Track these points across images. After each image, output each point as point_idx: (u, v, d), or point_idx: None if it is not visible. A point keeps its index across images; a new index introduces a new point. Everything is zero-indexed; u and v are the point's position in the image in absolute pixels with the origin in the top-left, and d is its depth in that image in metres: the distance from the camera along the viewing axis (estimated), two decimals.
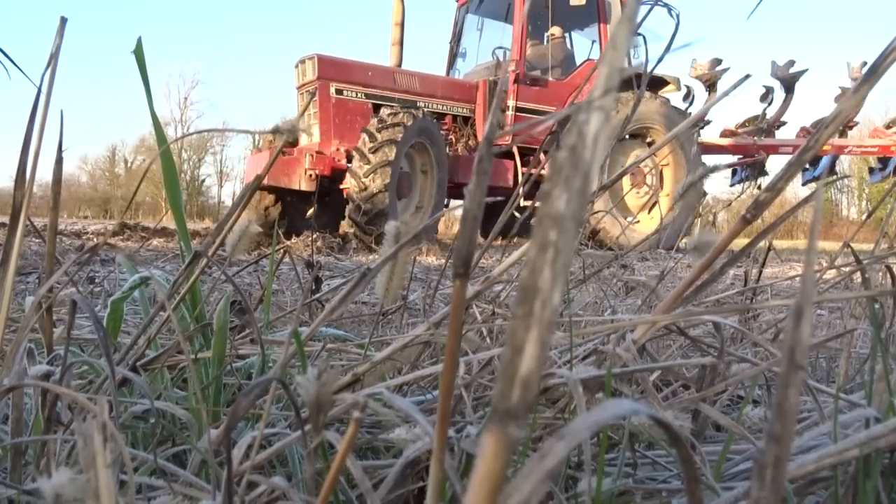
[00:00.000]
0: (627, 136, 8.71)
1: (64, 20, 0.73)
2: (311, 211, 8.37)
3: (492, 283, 0.86)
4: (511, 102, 8.68)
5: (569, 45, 9.51)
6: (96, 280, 2.26)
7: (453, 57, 10.25)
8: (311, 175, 7.64)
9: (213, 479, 0.56)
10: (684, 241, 8.15)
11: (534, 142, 8.60)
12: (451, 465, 0.52)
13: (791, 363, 0.27)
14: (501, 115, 8.75)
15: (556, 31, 9.17)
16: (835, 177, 9.78)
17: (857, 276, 0.99)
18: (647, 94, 8.74)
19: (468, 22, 9.97)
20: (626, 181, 8.82)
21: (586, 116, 0.24)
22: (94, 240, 6.68)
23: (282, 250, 1.39)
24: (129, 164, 39.46)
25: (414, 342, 0.78)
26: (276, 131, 0.63)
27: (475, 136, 9.04)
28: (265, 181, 7.84)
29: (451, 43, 10.22)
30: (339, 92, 7.97)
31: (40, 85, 0.70)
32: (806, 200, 0.78)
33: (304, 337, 0.78)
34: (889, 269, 0.83)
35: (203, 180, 40.15)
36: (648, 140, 9.06)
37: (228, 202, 38.18)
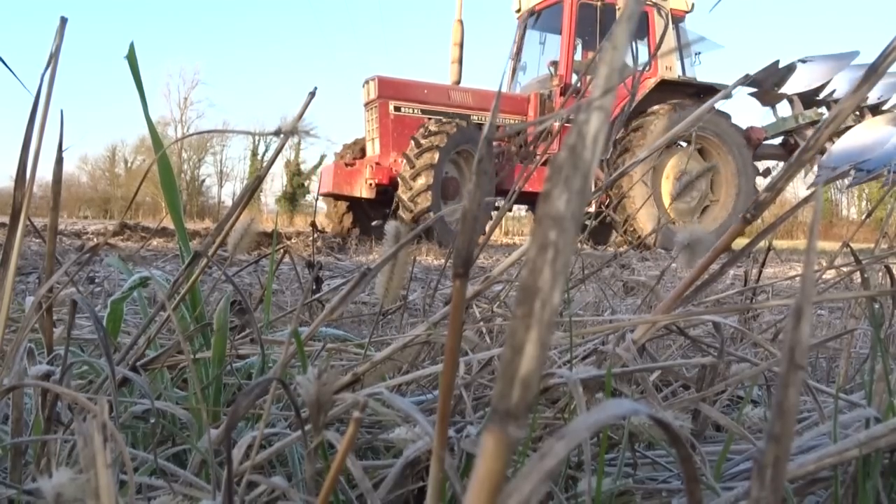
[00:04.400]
0: (677, 143, 9.09)
1: (64, 20, 0.73)
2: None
3: (492, 283, 0.86)
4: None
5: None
6: (96, 280, 2.26)
7: (514, 71, 10.71)
8: (370, 184, 8.49)
9: (213, 479, 0.56)
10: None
11: None
12: (451, 465, 0.52)
13: (791, 363, 0.27)
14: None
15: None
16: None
17: (857, 276, 0.99)
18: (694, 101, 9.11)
19: (529, 37, 10.40)
20: (667, 186, 9.14)
21: (586, 116, 0.24)
22: (95, 240, 6.68)
23: (282, 250, 1.39)
24: (129, 165, 39.43)
25: (414, 342, 0.78)
26: (277, 133, 0.63)
27: (524, 145, 9.57)
28: (331, 189, 8.94)
29: (511, 58, 10.62)
30: (397, 108, 8.85)
31: (39, 88, 0.70)
32: (806, 200, 0.78)
33: (304, 337, 0.78)
34: (888, 269, 0.83)
35: (203, 180, 40.12)
36: (697, 147, 9.43)
37: (228, 202, 38.15)
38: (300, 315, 0.79)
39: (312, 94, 0.77)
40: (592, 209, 8.91)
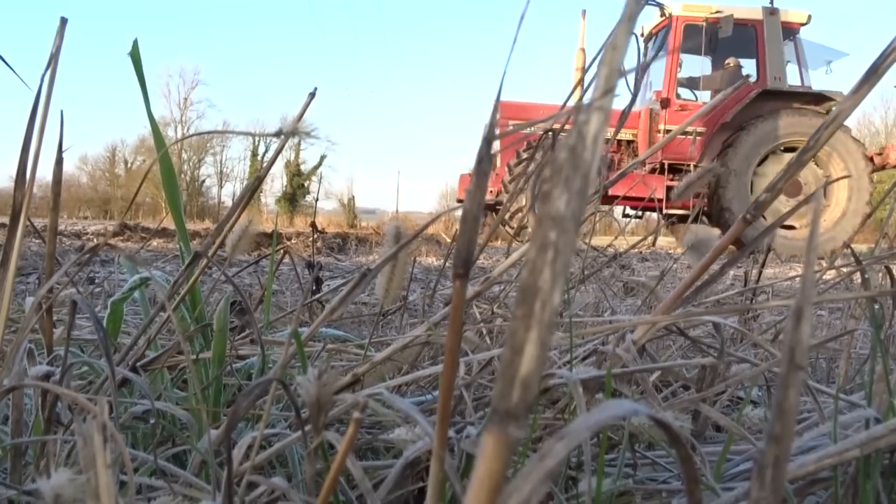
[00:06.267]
0: (782, 150, 9.52)
1: (64, 21, 0.73)
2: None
3: (492, 283, 0.86)
4: (661, 126, 9.99)
5: (743, 72, 10.38)
6: (96, 281, 2.26)
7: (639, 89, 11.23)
8: (490, 190, 9.65)
9: (213, 480, 0.56)
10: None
11: (682, 158, 9.78)
12: (451, 466, 0.52)
13: (791, 364, 0.27)
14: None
15: (731, 60, 10.15)
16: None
17: (857, 277, 0.99)
18: (810, 109, 9.58)
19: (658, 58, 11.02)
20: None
21: (586, 117, 0.24)
22: (94, 240, 6.68)
23: (282, 251, 1.39)
24: (129, 165, 39.38)
25: (414, 342, 0.78)
26: (278, 133, 0.63)
27: (636, 156, 10.40)
28: (459, 196, 10.37)
29: (636, 76, 11.11)
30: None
31: (39, 89, 0.70)
32: (806, 200, 0.78)
33: (304, 337, 0.78)
34: (889, 269, 0.83)
35: (203, 181, 40.08)
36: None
37: (228, 203, 38.08)
38: (300, 315, 0.79)
39: (312, 95, 0.77)
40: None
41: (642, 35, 11.04)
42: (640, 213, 10.27)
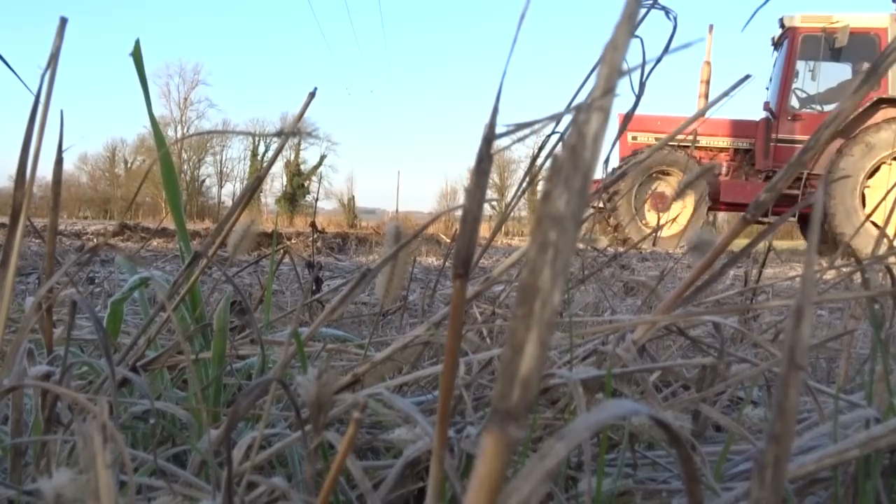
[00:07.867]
0: None
1: (64, 21, 0.73)
2: None
3: (492, 283, 0.86)
4: (773, 135, 10.14)
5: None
6: (96, 280, 2.26)
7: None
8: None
9: (213, 480, 0.56)
10: None
11: None
12: (451, 466, 0.52)
13: (791, 363, 0.27)
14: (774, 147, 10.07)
15: (859, 67, 10.08)
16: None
17: (857, 277, 0.99)
18: None
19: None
20: (873, 197, 9.37)
21: (586, 117, 0.24)
22: (94, 240, 6.68)
23: (282, 250, 1.39)
24: (129, 165, 39.39)
25: (414, 342, 0.78)
26: (278, 133, 0.63)
27: (752, 165, 10.60)
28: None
29: (767, 86, 11.49)
30: (633, 138, 10.64)
31: (39, 88, 0.70)
32: (806, 200, 0.78)
33: (304, 337, 0.78)
34: (889, 269, 0.83)
35: (203, 181, 40.09)
36: None
37: (228, 203, 38.08)
38: (300, 315, 0.79)
39: (312, 95, 0.77)
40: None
41: (772, 44, 11.06)
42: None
